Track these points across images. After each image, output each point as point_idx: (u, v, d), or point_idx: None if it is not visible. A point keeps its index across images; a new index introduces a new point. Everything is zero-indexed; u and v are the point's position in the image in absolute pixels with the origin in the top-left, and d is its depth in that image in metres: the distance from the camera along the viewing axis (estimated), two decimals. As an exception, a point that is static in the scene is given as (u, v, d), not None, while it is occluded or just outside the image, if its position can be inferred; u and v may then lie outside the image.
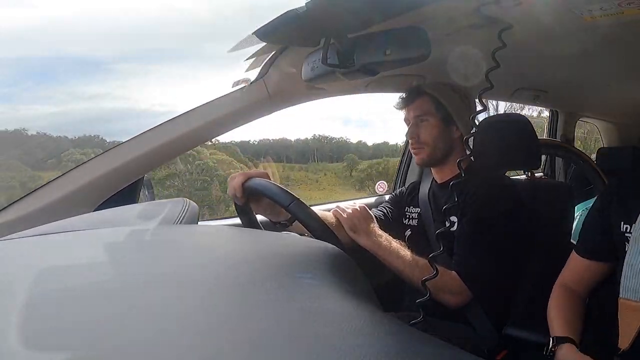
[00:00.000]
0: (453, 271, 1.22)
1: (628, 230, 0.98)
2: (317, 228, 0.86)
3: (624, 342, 0.94)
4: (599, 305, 1.13)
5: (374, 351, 0.28)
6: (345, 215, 1.26)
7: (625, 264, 0.95)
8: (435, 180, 1.42)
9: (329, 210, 1.32)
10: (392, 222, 1.44)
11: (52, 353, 0.28)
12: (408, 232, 1.44)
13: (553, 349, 1.01)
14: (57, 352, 0.28)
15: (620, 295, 0.95)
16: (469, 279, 1.20)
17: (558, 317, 1.07)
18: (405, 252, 1.22)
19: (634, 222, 0.96)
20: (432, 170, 1.42)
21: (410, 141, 1.37)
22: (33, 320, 0.32)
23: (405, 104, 1.39)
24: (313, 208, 0.92)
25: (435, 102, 1.34)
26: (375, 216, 1.33)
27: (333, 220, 1.28)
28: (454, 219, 1.29)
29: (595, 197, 1.19)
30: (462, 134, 1.34)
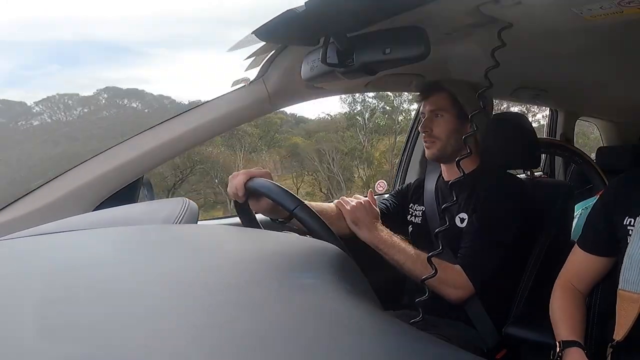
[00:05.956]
0: (457, 265, 1.22)
1: (631, 224, 0.99)
2: (322, 232, 0.86)
3: (620, 333, 0.95)
4: (597, 298, 1.13)
5: (374, 351, 0.28)
6: (348, 208, 1.26)
7: (625, 255, 0.96)
8: (443, 178, 1.42)
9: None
10: (395, 217, 1.44)
11: (50, 353, 0.28)
12: (411, 229, 1.44)
13: (560, 354, 1.01)
14: (56, 352, 0.28)
15: (620, 287, 0.96)
16: (474, 274, 1.21)
17: (563, 320, 1.07)
18: (407, 246, 1.23)
19: (638, 216, 0.97)
20: (442, 167, 1.42)
21: (423, 134, 1.37)
22: (32, 320, 0.32)
23: (422, 97, 1.39)
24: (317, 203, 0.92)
25: (452, 99, 1.34)
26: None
27: (335, 211, 1.28)
28: (463, 215, 1.30)
29: (596, 195, 1.19)
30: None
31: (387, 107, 12.32)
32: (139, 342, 0.28)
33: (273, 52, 1.22)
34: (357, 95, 11.74)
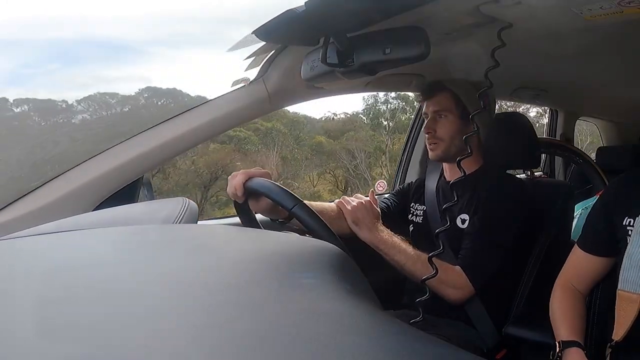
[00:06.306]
0: (457, 266, 1.22)
1: (631, 224, 0.99)
2: (321, 231, 0.86)
3: (619, 333, 0.95)
4: (597, 298, 1.14)
5: (374, 351, 0.28)
6: (349, 208, 1.26)
7: (625, 255, 0.96)
8: (445, 177, 1.42)
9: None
10: (396, 216, 1.44)
11: (50, 352, 0.28)
12: (412, 228, 1.44)
13: (560, 354, 1.01)
14: (56, 351, 0.28)
15: (619, 287, 0.96)
16: (474, 274, 1.21)
17: (563, 320, 1.07)
18: (407, 247, 1.23)
19: (638, 216, 0.97)
20: (445, 166, 1.42)
21: (426, 135, 1.37)
22: (32, 320, 0.32)
23: (424, 98, 1.38)
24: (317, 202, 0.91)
25: (456, 99, 1.33)
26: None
27: (335, 211, 1.28)
28: (465, 216, 1.30)
29: (596, 195, 1.19)
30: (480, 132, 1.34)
31: (407, 107, 12.43)
32: (139, 342, 0.28)
33: (273, 52, 1.22)
34: (381, 95, 11.83)
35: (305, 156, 10.97)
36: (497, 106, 1.54)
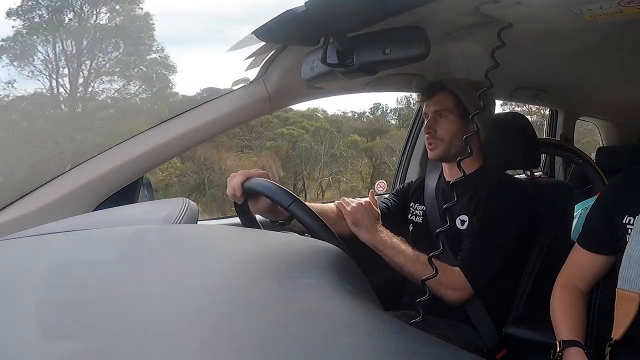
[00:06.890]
0: (456, 267, 1.22)
1: (631, 223, 0.99)
2: (318, 229, 0.86)
3: (618, 332, 0.95)
4: (597, 297, 1.14)
5: (374, 351, 0.28)
6: (349, 209, 1.26)
7: (624, 254, 0.96)
8: (444, 177, 1.42)
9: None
10: (396, 215, 1.44)
11: (50, 352, 0.28)
12: (411, 228, 1.44)
13: (560, 353, 1.01)
14: (56, 351, 0.28)
15: (618, 286, 0.96)
16: (473, 276, 1.21)
17: (564, 320, 1.07)
18: (407, 248, 1.22)
19: (638, 215, 0.97)
20: (444, 166, 1.42)
21: (426, 135, 1.36)
22: (32, 320, 0.32)
23: (424, 97, 1.38)
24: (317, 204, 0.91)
25: (456, 99, 1.33)
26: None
27: (335, 212, 1.28)
28: (464, 217, 1.29)
29: (596, 195, 1.19)
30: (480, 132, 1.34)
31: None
32: (139, 342, 0.28)
33: (273, 52, 1.22)
34: (414, 96, 12.04)
35: (351, 153, 11.22)
36: (524, 108, 1.54)
